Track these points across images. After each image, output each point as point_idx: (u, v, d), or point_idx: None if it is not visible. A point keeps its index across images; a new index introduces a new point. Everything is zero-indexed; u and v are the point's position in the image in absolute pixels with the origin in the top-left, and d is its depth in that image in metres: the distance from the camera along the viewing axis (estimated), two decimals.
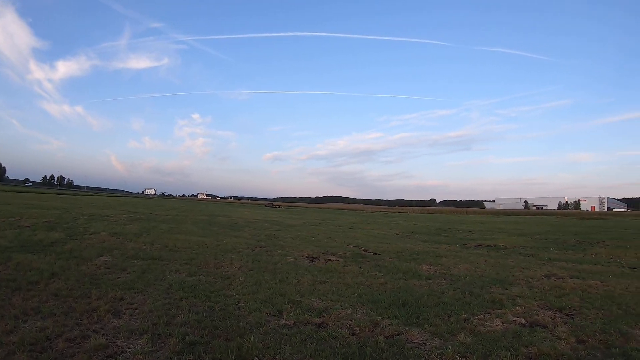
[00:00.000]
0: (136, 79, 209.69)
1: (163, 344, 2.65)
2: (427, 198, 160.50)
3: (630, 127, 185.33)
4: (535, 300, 4.47)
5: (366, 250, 8.62)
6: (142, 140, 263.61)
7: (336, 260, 7.06)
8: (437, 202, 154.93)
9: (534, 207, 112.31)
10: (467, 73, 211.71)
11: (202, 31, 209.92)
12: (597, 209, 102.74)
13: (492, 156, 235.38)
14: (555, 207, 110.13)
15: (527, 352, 2.75)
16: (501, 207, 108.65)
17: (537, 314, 4.01)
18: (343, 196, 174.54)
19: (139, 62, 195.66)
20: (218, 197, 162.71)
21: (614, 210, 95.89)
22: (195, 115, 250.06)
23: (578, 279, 5.94)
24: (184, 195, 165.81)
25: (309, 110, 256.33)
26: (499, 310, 4.07)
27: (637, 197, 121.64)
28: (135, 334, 2.77)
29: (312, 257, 7.16)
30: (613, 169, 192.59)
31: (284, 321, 3.40)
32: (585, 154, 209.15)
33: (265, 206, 62.94)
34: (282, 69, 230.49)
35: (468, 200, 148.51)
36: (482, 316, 3.88)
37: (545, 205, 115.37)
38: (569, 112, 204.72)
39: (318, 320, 3.50)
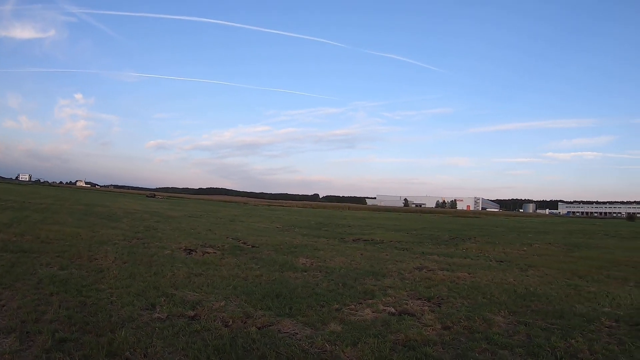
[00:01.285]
0: (18, 50, 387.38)
1: (32, 342, 5.89)
2: (310, 193, 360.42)
3: (502, 137, 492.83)
4: (406, 291, 10.63)
5: (245, 243, 19.82)
6: (19, 120, 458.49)
7: (214, 252, 16.12)
8: (321, 197, 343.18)
9: (414, 205, 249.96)
10: (358, 75, 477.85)
11: (96, 4, 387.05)
12: (472, 208, 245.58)
13: (375, 155, 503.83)
14: (434, 205, 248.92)
15: (394, 339, 7.00)
16: (382, 204, 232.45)
17: (407, 304, 9.38)
18: (227, 188, 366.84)
19: (23, 32, 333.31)
20: (98, 185, 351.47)
21: (487, 210, 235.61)
22: (78, 96, 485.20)
23: (448, 271, 13.93)
24: (61, 182, 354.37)
25: (197, 99, 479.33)
26: (371, 301, 9.63)
27: (508, 199, 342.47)
28: (2, 333, 6.11)
29: (190, 249, 16.55)
30: (487, 173, 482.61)
31: (157, 314, 7.75)
32: (463, 159, 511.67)
33: (147, 196, 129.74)
34: (173, 55, 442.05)
35: (351, 196, 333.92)
36: (353, 306, 9.09)
37: (424, 204, 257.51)
38: (450, 119, 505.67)
39: (191, 313, 7.97)
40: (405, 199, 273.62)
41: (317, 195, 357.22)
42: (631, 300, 11.04)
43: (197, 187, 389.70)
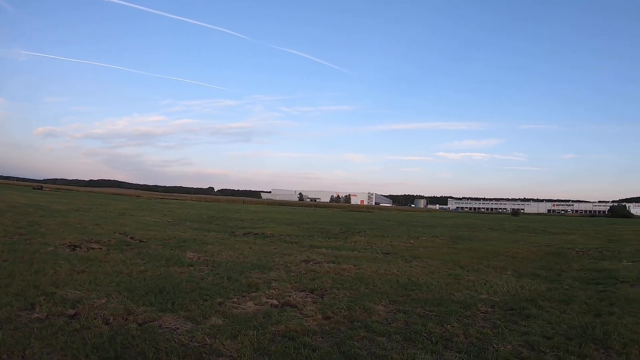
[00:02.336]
0: None
1: None
2: (205, 186, 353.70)
3: (397, 135, 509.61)
4: (290, 283, 10.88)
5: (132, 238, 19.36)
6: None
7: (99, 248, 15.74)
8: (216, 190, 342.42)
9: (308, 199, 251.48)
10: (258, 68, 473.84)
11: None
12: (365, 203, 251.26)
13: (272, 149, 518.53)
14: (328, 200, 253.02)
15: (274, 330, 7.16)
16: (277, 198, 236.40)
17: (290, 296, 9.61)
18: (119, 180, 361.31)
19: None
20: None
21: (380, 204, 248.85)
22: None
23: (334, 263, 14.42)
24: None
25: (91, 83, 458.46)
26: (254, 294, 9.87)
27: (401, 195, 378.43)
28: None
29: (75, 245, 15.93)
30: (381, 169, 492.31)
31: (36, 315, 7.56)
32: (358, 155, 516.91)
33: (34, 188, 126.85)
34: (68, 33, 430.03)
35: (246, 190, 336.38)
36: (236, 299, 9.31)
37: (318, 198, 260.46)
38: (347, 117, 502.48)
39: (71, 312, 7.83)
40: (300, 194, 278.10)
41: (212, 188, 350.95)
42: (507, 287, 11.92)
43: (88, 179, 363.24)
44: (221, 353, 6.24)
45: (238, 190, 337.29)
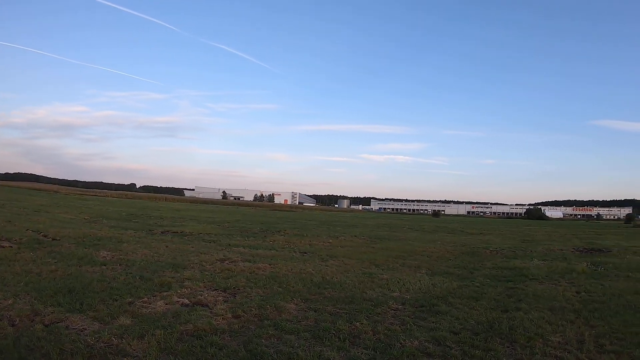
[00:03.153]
0: None
1: None
2: (127, 182, 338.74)
3: (322, 136, 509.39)
4: (203, 282, 10.78)
5: (45, 236, 18.97)
6: None
7: (9, 246, 15.27)
8: (138, 187, 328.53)
9: (232, 198, 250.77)
10: (186, 62, 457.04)
11: None
12: (289, 202, 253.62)
13: (197, 146, 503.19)
14: (252, 198, 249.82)
15: (183, 330, 7.08)
16: (200, 196, 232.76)
17: (202, 295, 9.51)
18: (37, 174, 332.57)
19: None
20: None
21: (304, 204, 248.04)
22: None
23: (250, 262, 14.39)
24: None
25: (8, 67, 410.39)
26: (165, 293, 9.72)
27: (324, 194, 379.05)
28: None
29: None
30: (306, 169, 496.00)
31: None
32: (283, 154, 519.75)
33: None
34: None
35: (169, 187, 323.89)
36: (147, 299, 9.25)
37: (242, 197, 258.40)
38: (273, 115, 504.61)
39: None
40: (224, 192, 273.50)
41: (134, 185, 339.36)
42: (420, 285, 12.28)
43: (4, 172, 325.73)
44: (127, 353, 6.16)
45: (161, 187, 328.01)
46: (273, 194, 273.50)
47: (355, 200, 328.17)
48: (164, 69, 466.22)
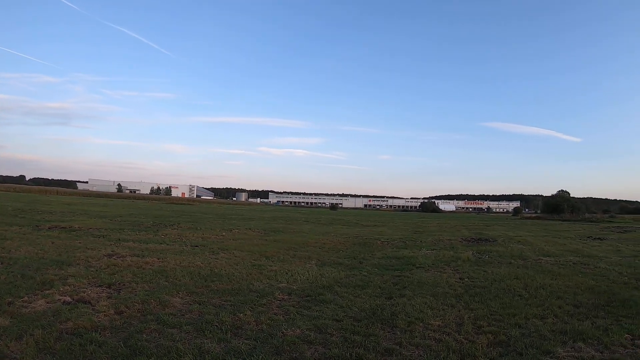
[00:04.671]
0: None
1: None
2: (16, 174, 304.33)
3: (221, 128, 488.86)
4: (87, 279, 10.38)
5: None
6: None
7: None
8: (28, 179, 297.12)
9: (127, 191, 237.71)
10: (82, 42, 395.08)
11: None
12: (187, 195, 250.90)
13: (92, 135, 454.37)
14: (148, 191, 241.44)
15: (63, 328, 6.80)
16: (94, 189, 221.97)
17: (85, 292, 9.15)
18: None
19: None
20: None
21: (202, 197, 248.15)
22: None
23: (138, 257, 13.96)
24: None
25: None
26: (47, 291, 9.31)
27: (223, 188, 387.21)
28: None
29: None
30: (204, 161, 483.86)
31: None
32: (181, 146, 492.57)
33: None
34: None
35: (61, 180, 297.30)
36: (27, 298, 8.73)
37: (138, 190, 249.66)
38: (171, 105, 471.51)
39: None
40: (119, 185, 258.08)
41: (24, 177, 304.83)
42: (308, 275, 12.54)
43: None
44: (5, 355, 5.93)
45: (53, 179, 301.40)
46: (170, 187, 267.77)
47: (254, 194, 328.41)
48: (58, 49, 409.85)
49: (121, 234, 21.85)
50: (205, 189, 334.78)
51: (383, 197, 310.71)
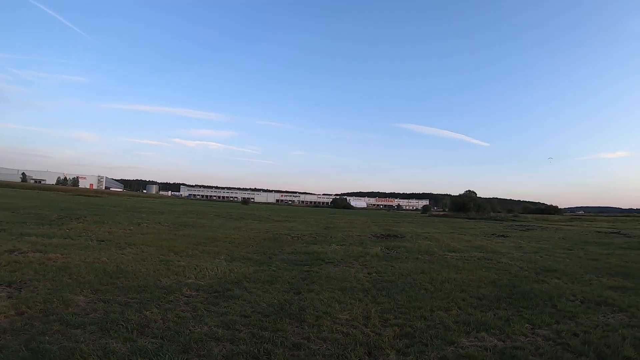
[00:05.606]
0: None
1: None
2: None
3: (133, 116, 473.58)
4: None
5: None
6: None
7: None
8: None
9: (32, 181, 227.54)
10: None
11: None
12: (95, 186, 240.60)
13: None
14: (54, 182, 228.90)
15: None
16: None
17: None
18: None
19: None
20: None
21: (111, 189, 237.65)
22: None
23: (41, 252, 13.17)
24: None
25: None
26: None
27: (133, 179, 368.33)
28: None
29: None
30: (114, 151, 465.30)
31: None
32: (90, 134, 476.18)
33: None
34: None
35: None
36: None
37: (44, 180, 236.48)
38: (82, 89, 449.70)
39: None
40: (24, 174, 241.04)
41: None
42: (216, 271, 12.44)
43: None
44: None
45: None
46: (78, 178, 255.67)
47: (165, 186, 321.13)
48: None
49: (23, 228, 20.56)
50: (115, 180, 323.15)
51: (295, 192, 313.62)
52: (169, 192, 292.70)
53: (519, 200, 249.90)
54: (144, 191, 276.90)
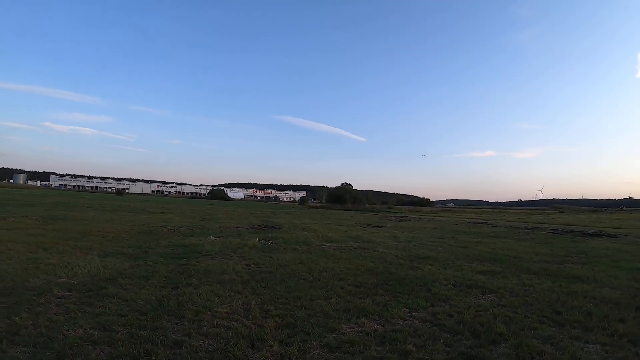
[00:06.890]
0: None
1: None
2: None
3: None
4: None
5: None
6: None
7: None
8: None
9: None
10: None
11: None
12: None
13: None
14: None
15: None
16: None
17: None
18: None
19: None
20: None
21: None
22: None
23: None
24: None
25: None
26: None
27: None
28: None
29: None
30: None
31: None
32: None
33: None
34: None
35: None
36: None
37: None
38: None
39: None
40: None
41: None
42: (89, 268, 11.74)
43: None
44: None
45: None
46: None
47: (34, 175, 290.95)
48: None
49: None
50: None
51: (172, 183, 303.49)
52: (38, 181, 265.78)
53: (394, 193, 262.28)
54: (10, 181, 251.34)
